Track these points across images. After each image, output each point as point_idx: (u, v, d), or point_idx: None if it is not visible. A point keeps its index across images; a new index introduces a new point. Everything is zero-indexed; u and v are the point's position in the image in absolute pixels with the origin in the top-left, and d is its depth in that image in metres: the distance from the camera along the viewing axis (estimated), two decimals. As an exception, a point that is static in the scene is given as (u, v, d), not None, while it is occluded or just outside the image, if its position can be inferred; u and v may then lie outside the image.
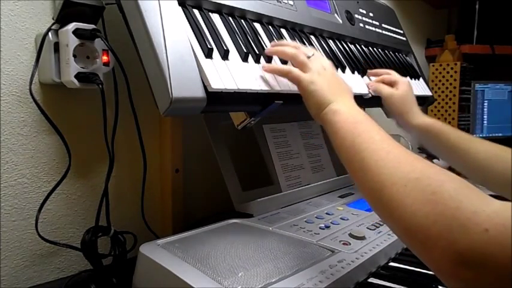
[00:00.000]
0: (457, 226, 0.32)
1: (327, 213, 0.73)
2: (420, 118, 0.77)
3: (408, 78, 1.02)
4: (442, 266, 0.34)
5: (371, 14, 1.01)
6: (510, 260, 0.29)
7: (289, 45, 0.62)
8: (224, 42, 0.57)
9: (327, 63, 0.60)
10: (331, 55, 0.79)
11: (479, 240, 0.31)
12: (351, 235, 0.63)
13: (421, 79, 1.10)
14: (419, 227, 0.35)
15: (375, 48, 0.99)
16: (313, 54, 0.60)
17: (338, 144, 0.50)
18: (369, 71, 0.86)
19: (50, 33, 0.58)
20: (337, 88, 0.57)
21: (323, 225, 0.67)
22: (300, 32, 0.76)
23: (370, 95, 0.81)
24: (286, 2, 0.73)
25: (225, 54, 0.55)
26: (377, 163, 0.43)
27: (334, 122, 0.51)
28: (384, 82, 0.82)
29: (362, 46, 0.94)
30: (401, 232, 0.38)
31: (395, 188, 0.39)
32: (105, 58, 0.61)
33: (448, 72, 1.71)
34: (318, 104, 0.55)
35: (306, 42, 0.75)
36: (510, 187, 0.60)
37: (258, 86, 0.57)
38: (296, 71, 0.58)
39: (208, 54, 0.53)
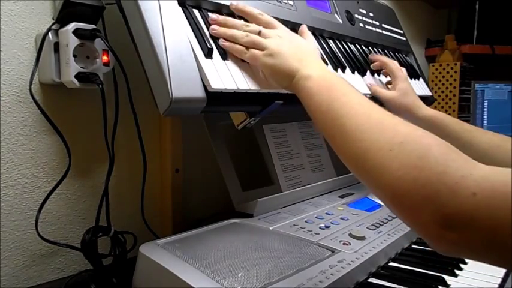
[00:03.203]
0: (445, 190, 0.33)
1: (327, 213, 0.73)
2: (424, 111, 0.79)
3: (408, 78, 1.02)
4: (429, 229, 0.34)
5: (371, 14, 1.01)
6: (496, 223, 0.30)
7: (236, 26, 0.57)
8: (224, 42, 0.57)
9: (283, 30, 0.58)
10: (331, 55, 0.79)
11: (467, 203, 0.31)
12: (351, 235, 0.63)
13: (421, 79, 1.10)
14: (406, 192, 0.35)
15: (374, 48, 0.99)
16: (260, 31, 0.56)
17: (314, 110, 0.48)
18: (370, 56, 0.89)
19: (50, 33, 0.58)
20: (301, 52, 0.54)
21: (323, 225, 0.67)
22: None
23: (368, 96, 0.82)
24: (286, 2, 0.73)
25: (225, 54, 0.55)
26: (358, 128, 0.41)
27: (308, 87, 0.49)
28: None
29: (362, 46, 0.94)
30: (387, 197, 0.38)
31: (381, 153, 0.38)
32: (105, 58, 0.61)
33: (448, 72, 1.71)
34: (286, 74, 0.52)
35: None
36: None
37: (258, 86, 0.57)
38: (252, 50, 0.55)
39: (208, 54, 0.53)
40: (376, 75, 0.89)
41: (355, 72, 0.83)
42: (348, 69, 0.81)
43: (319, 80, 0.49)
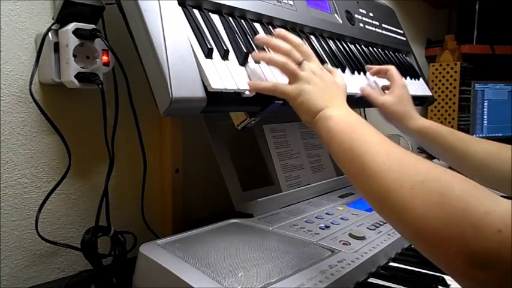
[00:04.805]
0: (469, 227, 0.32)
1: (327, 213, 0.73)
2: (417, 122, 0.76)
3: (408, 78, 1.02)
4: (455, 267, 0.34)
5: (371, 14, 1.01)
6: None
7: (280, 48, 0.57)
8: (224, 42, 0.57)
9: (317, 66, 0.58)
10: (331, 55, 0.79)
11: (493, 241, 0.31)
12: (351, 235, 0.63)
13: (421, 79, 1.10)
14: (429, 230, 0.35)
15: (374, 48, 0.99)
16: (303, 60, 0.57)
17: (335, 149, 0.49)
18: (367, 66, 0.85)
19: (50, 33, 0.58)
20: (328, 93, 0.55)
21: (323, 225, 0.67)
22: (300, 32, 0.76)
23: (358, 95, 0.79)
24: (286, 2, 0.73)
25: (225, 54, 0.55)
26: (379, 166, 0.42)
27: (329, 127, 0.50)
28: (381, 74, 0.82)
29: (362, 46, 0.94)
30: (410, 235, 0.38)
31: (402, 191, 0.38)
32: (105, 58, 0.61)
33: (448, 72, 1.71)
34: (309, 112, 0.53)
35: (305, 42, 0.75)
36: (511, 183, 0.60)
37: (258, 86, 0.57)
38: (281, 87, 0.55)
39: (208, 54, 0.53)
40: (375, 76, 0.89)
41: (355, 72, 0.83)
42: (347, 69, 0.81)
43: (340, 120, 0.50)
